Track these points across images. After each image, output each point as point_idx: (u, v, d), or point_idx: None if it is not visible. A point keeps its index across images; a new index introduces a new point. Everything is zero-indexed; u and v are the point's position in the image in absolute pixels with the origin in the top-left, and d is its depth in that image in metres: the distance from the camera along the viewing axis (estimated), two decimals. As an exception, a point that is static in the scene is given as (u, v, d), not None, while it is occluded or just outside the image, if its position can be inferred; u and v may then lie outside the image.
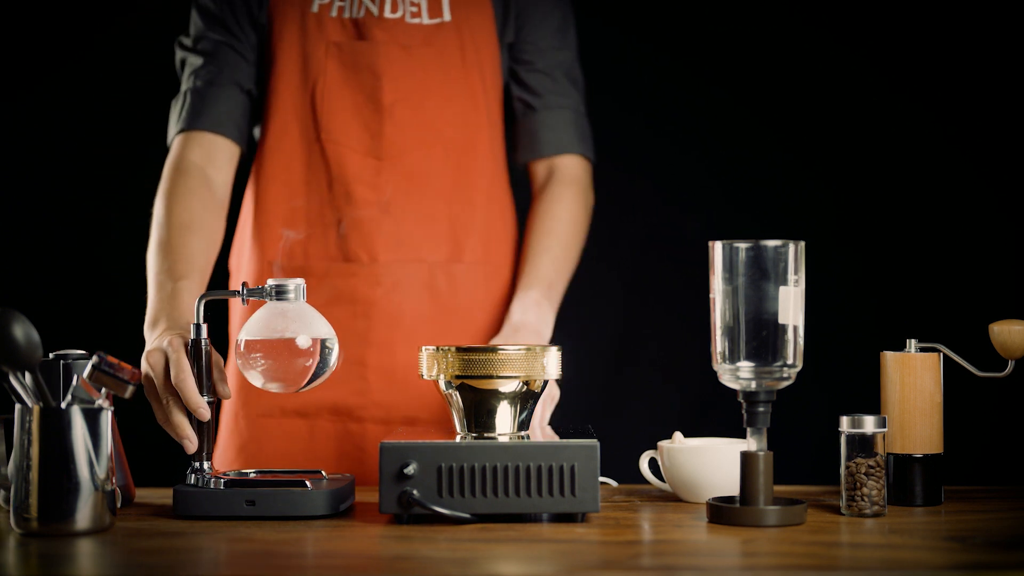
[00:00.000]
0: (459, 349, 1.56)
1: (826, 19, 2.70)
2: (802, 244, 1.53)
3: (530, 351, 1.56)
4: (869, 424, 1.57)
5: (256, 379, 1.61)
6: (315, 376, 1.61)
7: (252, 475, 1.63)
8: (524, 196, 2.16)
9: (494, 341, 1.89)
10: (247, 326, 1.62)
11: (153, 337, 1.73)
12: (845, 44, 2.69)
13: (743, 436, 1.54)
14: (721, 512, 1.51)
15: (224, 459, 2.07)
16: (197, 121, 2.02)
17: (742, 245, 1.51)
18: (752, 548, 1.38)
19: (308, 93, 2.04)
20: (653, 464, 1.76)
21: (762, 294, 1.51)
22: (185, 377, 1.59)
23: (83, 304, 2.71)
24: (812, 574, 1.27)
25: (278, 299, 1.62)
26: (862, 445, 1.57)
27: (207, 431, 1.61)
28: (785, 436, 1.88)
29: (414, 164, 2.04)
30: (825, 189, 2.71)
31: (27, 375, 1.44)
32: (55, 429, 1.42)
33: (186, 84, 2.05)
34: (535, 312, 1.98)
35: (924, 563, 1.31)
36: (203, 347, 1.61)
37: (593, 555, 1.37)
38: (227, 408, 2.09)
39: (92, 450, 1.43)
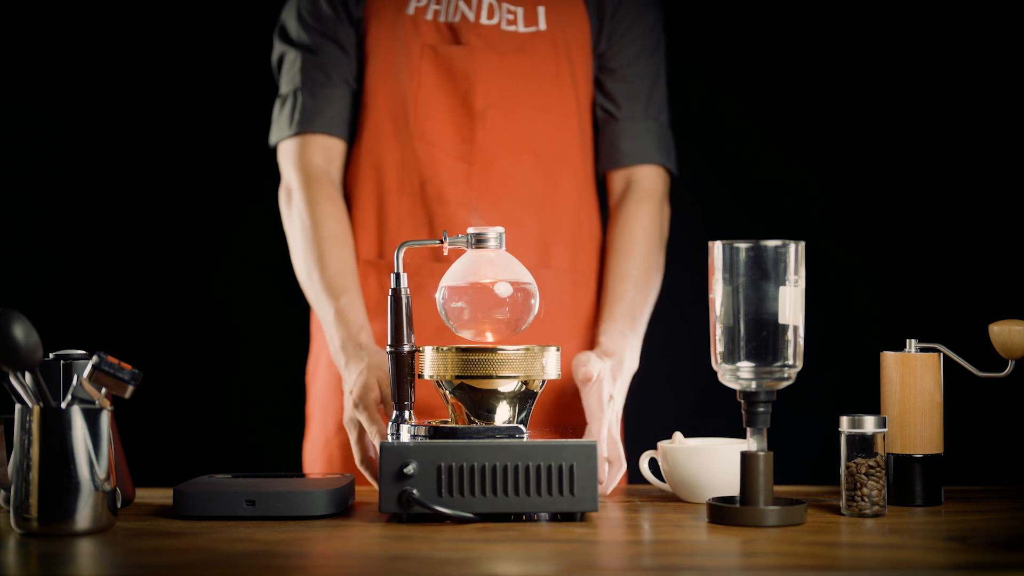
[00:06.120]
0: (459, 349, 1.56)
1: (826, 19, 2.70)
2: (802, 244, 1.53)
3: (529, 351, 1.56)
4: (869, 424, 1.57)
5: (460, 329, 1.61)
6: (516, 324, 1.61)
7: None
8: (604, 204, 2.16)
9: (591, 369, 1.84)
10: (449, 274, 1.63)
11: (341, 366, 1.85)
12: (845, 45, 2.69)
13: (743, 436, 1.54)
14: (721, 512, 1.51)
15: (308, 444, 2.10)
16: (312, 124, 2.03)
17: (742, 245, 1.51)
18: (752, 548, 1.38)
19: (402, 94, 2.03)
20: (653, 464, 1.76)
21: (762, 294, 1.50)
22: (369, 461, 1.72)
23: (83, 304, 2.71)
24: (812, 574, 1.27)
25: (477, 247, 1.62)
26: (862, 445, 1.57)
27: (411, 390, 1.61)
28: (785, 436, 1.88)
29: (505, 170, 2.03)
30: (825, 189, 2.71)
31: (27, 375, 1.44)
32: (55, 429, 1.42)
33: (292, 82, 2.05)
34: (620, 343, 1.95)
35: (924, 563, 1.31)
36: (402, 296, 1.61)
37: (593, 555, 1.37)
38: (314, 395, 2.11)
39: (92, 450, 1.43)
